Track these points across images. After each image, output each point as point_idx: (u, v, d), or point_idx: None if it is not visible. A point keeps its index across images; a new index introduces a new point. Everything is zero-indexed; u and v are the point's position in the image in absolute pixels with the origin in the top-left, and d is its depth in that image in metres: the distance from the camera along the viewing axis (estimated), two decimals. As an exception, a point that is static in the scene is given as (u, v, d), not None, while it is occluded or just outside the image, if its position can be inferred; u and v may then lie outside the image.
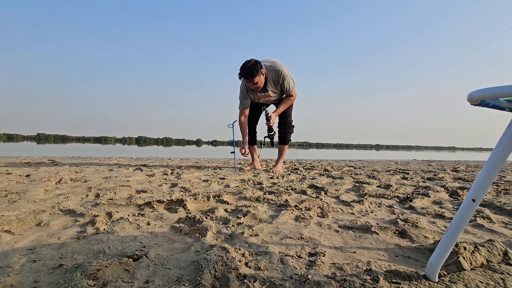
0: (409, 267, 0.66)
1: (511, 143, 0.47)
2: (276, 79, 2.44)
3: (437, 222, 1.07)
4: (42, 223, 0.94)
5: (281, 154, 2.82)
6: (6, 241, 0.79)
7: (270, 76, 2.44)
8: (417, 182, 2.14)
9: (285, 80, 2.45)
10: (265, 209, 1.22)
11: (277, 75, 2.43)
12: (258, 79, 2.35)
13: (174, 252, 0.75)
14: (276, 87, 2.51)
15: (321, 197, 1.44)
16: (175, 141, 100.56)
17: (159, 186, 1.68)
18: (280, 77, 2.43)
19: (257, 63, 2.32)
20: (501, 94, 0.41)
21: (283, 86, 2.48)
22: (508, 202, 1.36)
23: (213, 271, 0.61)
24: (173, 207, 1.22)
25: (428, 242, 0.85)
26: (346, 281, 0.56)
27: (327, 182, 2.04)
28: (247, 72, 2.31)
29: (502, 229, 1.00)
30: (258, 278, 0.59)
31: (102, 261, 0.63)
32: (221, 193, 1.44)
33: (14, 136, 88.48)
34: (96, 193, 1.42)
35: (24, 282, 0.58)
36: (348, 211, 1.22)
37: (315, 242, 0.84)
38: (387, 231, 0.94)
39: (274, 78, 2.45)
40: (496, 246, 0.70)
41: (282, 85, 2.48)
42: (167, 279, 0.60)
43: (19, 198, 1.26)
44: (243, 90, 2.58)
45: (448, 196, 1.60)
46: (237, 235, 0.87)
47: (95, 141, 55.33)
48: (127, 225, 0.95)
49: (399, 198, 1.50)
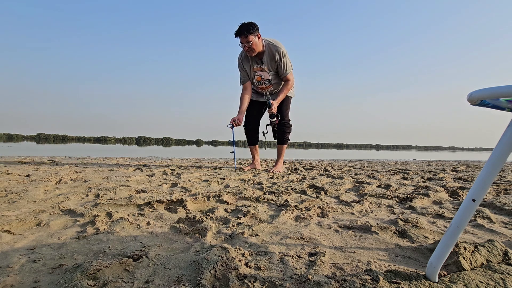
0: (409, 267, 0.66)
1: (511, 143, 0.47)
2: (273, 54, 2.46)
3: (437, 222, 1.07)
4: (42, 223, 0.94)
5: (281, 154, 2.82)
6: (6, 241, 0.79)
7: (268, 50, 2.46)
8: (417, 182, 2.14)
9: (282, 58, 2.46)
10: (265, 209, 1.22)
11: (274, 50, 2.45)
12: (253, 39, 2.33)
13: (174, 252, 0.75)
14: (272, 64, 2.51)
15: (321, 197, 1.44)
16: (175, 141, 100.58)
17: (159, 186, 1.68)
18: (276, 53, 2.44)
19: (255, 24, 2.35)
20: (501, 94, 0.41)
21: (279, 64, 2.48)
22: (508, 202, 1.36)
23: (213, 271, 0.61)
24: (173, 207, 1.22)
25: (428, 242, 0.85)
26: (346, 281, 0.56)
27: (327, 182, 2.04)
28: (243, 28, 2.32)
29: (502, 229, 1.00)
30: (258, 278, 0.59)
31: (102, 261, 0.63)
32: (221, 193, 1.44)
33: (14, 136, 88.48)
34: (96, 193, 1.42)
35: (24, 282, 0.58)
36: (348, 211, 1.22)
37: (315, 242, 0.84)
38: (387, 231, 0.94)
39: (270, 52, 2.46)
40: (496, 246, 0.70)
41: (279, 63, 2.47)
42: (167, 279, 0.60)
43: (19, 198, 1.26)
44: (239, 61, 2.60)
45: (448, 196, 1.60)
46: (237, 235, 0.87)
47: (95, 141, 55.35)
48: (127, 225, 0.95)
49: (399, 198, 1.50)
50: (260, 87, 2.68)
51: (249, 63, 2.57)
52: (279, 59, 2.46)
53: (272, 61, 2.50)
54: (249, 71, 2.61)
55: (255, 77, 2.63)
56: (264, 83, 2.64)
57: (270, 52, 2.46)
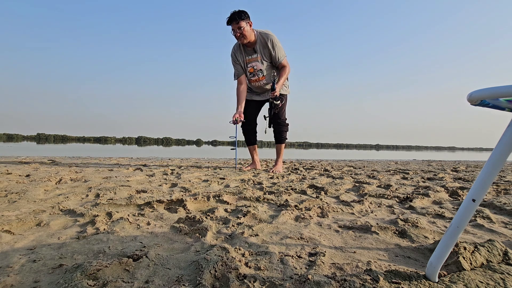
0: (409, 267, 0.66)
1: (511, 143, 0.47)
2: (265, 41, 2.49)
3: (437, 222, 1.07)
4: (42, 223, 0.94)
5: (279, 154, 2.81)
6: (6, 241, 0.79)
7: (260, 39, 2.51)
8: (417, 182, 2.14)
9: (274, 44, 2.49)
10: (265, 209, 1.22)
11: (266, 38, 2.49)
12: (244, 26, 2.37)
13: (174, 252, 0.75)
14: (265, 52, 2.53)
15: (321, 197, 1.44)
16: (175, 141, 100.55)
17: (159, 186, 1.68)
18: (268, 41, 2.48)
19: (246, 12, 2.41)
20: (501, 94, 0.41)
21: (273, 52, 2.50)
22: (508, 202, 1.36)
23: (213, 271, 0.61)
24: (173, 207, 1.22)
25: (428, 242, 0.85)
26: (346, 281, 0.56)
27: (327, 182, 2.04)
28: (235, 14, 2.36)
29: (502, 229, 1.00)
30: (258, 278, 0.59)
31: (102, 261, 0.63)
32: (221, 193, 1.44)
33: (14, 136, 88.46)
34: (96, 193, 1.42)
35: (24, 282, 0.58)
36: (348, 211, 1.22)
37: (315, 242, 0.84)
38: (387, 231, 0.94)
39: (263, 40, 2.50)
40: (496, 246, 0.70)
41: (272, 50, 2.50)
42: (167, 279, 0.60)
43: (19, 198, 1.26)
44: (233, 55, 2.63)
45: (448, 196, 1.60)
46: (237, 235, 0.87)
47: (95, 141, 55.34)
48: (127, 225, 0.95)
49: (399, 198, 1.50)
50: (252, 80, 2.66)
51: (242, 54, 2.58)
52: (272, 46, 2.49)
53: (265, 49, 2.52)
54: (242, 63, 2.62)
55: (248, 68, 2.63)
56: (257, 74, 2.63)
57: (262, 40, 2.50)
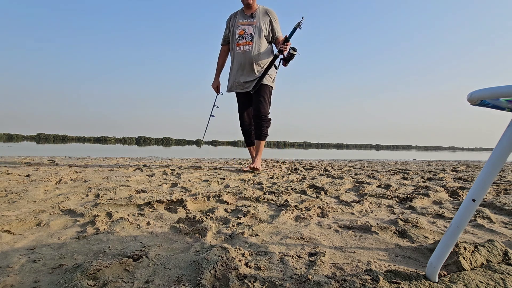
0: (409, 267, 0.66)
1: (511, 143, 0.47)
2: (266, 10, 2.56)
3: (437, 222, 1.07)
4: (42, 223, 0.94)
5: (258, 150, 2.64)
6: (6, 241, 0.79)
7: (261, 8, 2.57)
8: (417, 182, 2.14)
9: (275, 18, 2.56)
10: (265, 209, 1.22)
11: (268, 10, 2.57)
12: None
13: (174, 252, 0.75)
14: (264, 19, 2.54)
15: (321, 197, 1.44)
16: (175, 141, 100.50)
17: (159, 186, 1.68)
18: (270, 12, 2.55)
19: None
20: (501, 94, 0.41)
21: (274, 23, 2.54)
22: (508, 202, 1.36)
23: (213, 271, 0.61)
24: (173, 207, 1.22)
25: (428, 242, 0.85)
26: (346, 281, 0.56)
27: (327, 182, 2.04)
28: None
29: (502, 229, 1.00)
30: (258, 278, 0.59)
31: (102, 261, 0.63)
32: (221, 193, 1.44)
33: (14, 136, 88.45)
34: (96, 193, 1.42)
35: (24, 282, 0.58)
36: (348, 211, 1.22)
37: (315, 242, 0.84)
38: (387, 231, 0.94)
39: (264, 9, 2.57)
40: (496, 246, 0.70)
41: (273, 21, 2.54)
42: (167, 279, 0.60)
43: (19, 198, 1.26)
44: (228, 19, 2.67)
45: (448, 196, 1.60)
46: (237, 235, 0.87)
47: (95, 141, 55.34)
48: (127, 225, 0.95)
49: (399, 198, 1.50)
50: (239, 43, 2.55)
51: (237, 18, 2.59)
52: (273, 18, 2.55)
53: (264, 16, 2.55)
54: (233, 26, 2.60)
55: (238, 30, 2.55)
56: (245, 37, 2.53)
57: (263, 9, 2.57)
